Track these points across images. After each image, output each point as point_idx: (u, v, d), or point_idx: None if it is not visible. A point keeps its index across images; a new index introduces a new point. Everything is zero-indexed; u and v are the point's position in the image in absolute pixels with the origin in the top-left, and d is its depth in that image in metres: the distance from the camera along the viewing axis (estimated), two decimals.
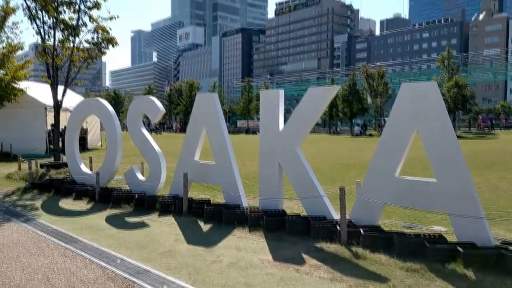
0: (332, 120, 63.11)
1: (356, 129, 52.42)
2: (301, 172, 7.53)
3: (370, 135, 48.52)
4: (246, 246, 6.43)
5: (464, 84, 44.68)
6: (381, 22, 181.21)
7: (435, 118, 6.06)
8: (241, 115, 77.89)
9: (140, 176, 10.40)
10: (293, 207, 8.68)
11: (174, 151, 13.04)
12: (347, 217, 6.52)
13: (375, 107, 54.26)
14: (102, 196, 10.00)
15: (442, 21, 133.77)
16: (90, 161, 13.72)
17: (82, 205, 9.88)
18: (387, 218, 7.78)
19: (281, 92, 8.11)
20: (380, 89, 52.86)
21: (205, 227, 7.70)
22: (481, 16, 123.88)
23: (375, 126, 58.73)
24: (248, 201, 8.70)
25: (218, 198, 9.46)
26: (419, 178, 6.46)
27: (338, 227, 6.41)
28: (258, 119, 10.10)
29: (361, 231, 6.20)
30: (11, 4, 18.86)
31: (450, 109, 41.53)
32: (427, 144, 6.13)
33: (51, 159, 16.25)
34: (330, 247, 6.18)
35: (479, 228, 5.69)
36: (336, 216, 7.01)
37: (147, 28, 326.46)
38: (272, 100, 8.05)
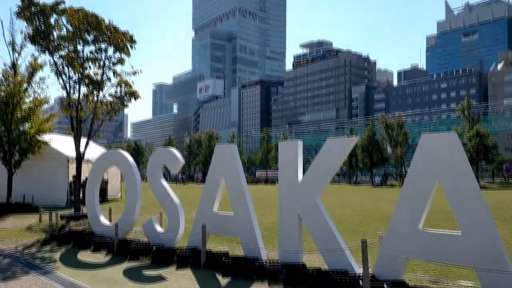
0: (352, 170, 62.69)
1: (377, 179, 51.85)
2: (321, 224, 7.39)
3: (391, 185, 47.86)
4: None
5: (486, 133, 44.25)
6: (398, 73, 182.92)
7: (457, 169, 5.96)
8: (260, 165, 78.12)
9: (159, 228, 10.34)
10: (313, 260, 8.47)
11: (193, 201, 13.00)
12: (370, 271, 6.32)
13: (395, 157, 53.87)
14: (120, 248, 9.94)
15: (460, 71, 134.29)
16: (110, 212, 13.78)
17: (100, 257, 9.82)
18: (411, 272, 7.52)
19: (300, 143, 8.12)
20: (400, 138, 52.69)
21: (223, 281, 7.54)
22: (499, 66, 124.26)
23: (396, 176, 58.06)
24: (267, 254, 8.54)
25: (237, 250, 9.30)
26: (444, 231, 6.27)
27: (360, 282, 6.20)
28: (277, 168, 10.07)
29: (385, 286, 5.98)
30: (39, 61, 19.67)
31: (473, 159, 40.94)
32: (450, 195, 6.00)
33: (72, 210, 16.34)
34: None
35: (508, 283, 5.45)
36: (359, 270, 6.81)
37: (169, 81, 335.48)
38: (291, 151, 8.05)
